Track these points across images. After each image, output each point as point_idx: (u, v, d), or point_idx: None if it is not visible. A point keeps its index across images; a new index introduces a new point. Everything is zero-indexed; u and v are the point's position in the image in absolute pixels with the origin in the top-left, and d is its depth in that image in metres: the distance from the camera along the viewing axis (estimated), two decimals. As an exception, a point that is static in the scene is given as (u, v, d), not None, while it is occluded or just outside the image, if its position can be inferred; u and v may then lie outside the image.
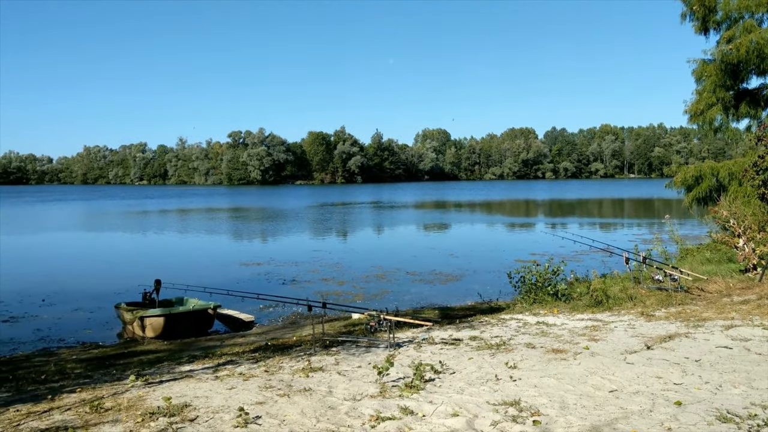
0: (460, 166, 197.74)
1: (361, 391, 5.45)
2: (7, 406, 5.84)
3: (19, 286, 16.81)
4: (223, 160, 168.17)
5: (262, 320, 13.05)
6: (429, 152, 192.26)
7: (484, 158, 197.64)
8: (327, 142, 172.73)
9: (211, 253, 25.15)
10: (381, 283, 17.07)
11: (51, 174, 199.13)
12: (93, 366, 8.75)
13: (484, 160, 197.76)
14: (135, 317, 11.86)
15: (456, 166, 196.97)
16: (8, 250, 26.80)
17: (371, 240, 30.26)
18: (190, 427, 4.63)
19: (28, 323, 12.82)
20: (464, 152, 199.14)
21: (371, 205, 61.58)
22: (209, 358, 8.19)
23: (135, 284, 14.96)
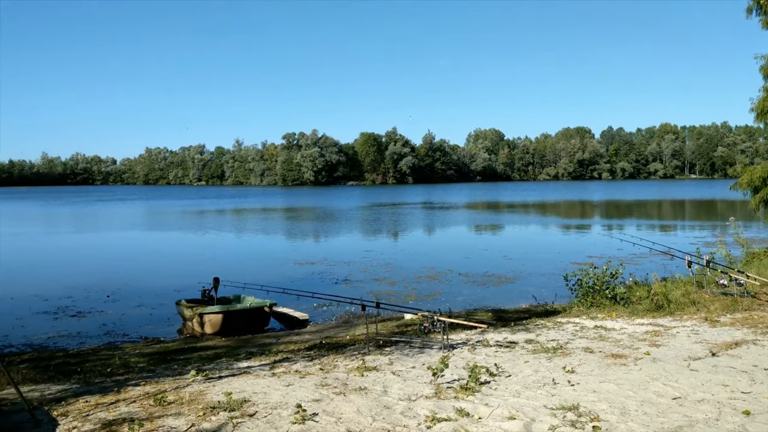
0: (513, 166, 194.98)
1: (416, 392, 5.46)
2: (77, 396, 6.12)
3: (85, 282, 17.58)
4: (277, 161, 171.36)
5: (316, 318, 13.22)
6: (481, 152, 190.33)
7: (538, 158, 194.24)
8: (378, 143, 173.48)
9: (267, 252, 25.67)
10: (433, 284, 17.02)
11: (115, 175, 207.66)
12: (155, 360, 9.08)
13: (538, 160, 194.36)
14: (194, 314, 12.23)
15: (509, 167, 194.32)
16: (76, 248, 28.15)
17: (423, 241, 30.21)
18: (250, 422, 4.74)
19: (95, 318, 13.39)
20: (517, 152, 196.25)
21: (422, 206, 61.48)
22: (266, 355, 8.36)
23: (194, 282, 15.43)
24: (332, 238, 31.55)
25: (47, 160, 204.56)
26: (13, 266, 21.66)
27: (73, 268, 21.15)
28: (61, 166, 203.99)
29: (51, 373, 8.08)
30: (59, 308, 14.24)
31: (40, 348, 10.91)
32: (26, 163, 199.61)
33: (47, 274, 19.74)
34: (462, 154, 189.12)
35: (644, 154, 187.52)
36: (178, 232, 35.74)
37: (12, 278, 18.52)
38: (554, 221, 42.04)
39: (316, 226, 39.55)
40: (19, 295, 15.60)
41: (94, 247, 28.84)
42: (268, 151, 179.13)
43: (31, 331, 12.16)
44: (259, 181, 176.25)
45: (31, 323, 12.81)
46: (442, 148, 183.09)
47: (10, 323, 12.56)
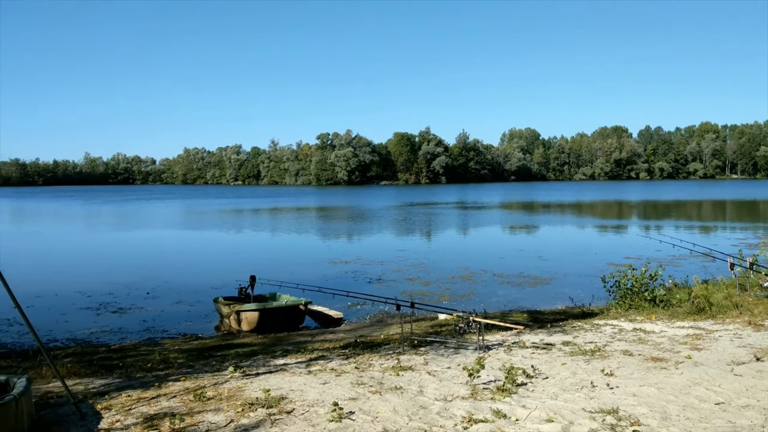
0: (548, 166, 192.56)
1: (452, 392, 5.44)
2: (120, 391, 6.29)
3: (126, 279, 18.03)
4: (311, 161, 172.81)
5: (350, 317, 13.28)
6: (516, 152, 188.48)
7: (574, 158, 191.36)
8: (412, 143, 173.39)
9: (301, 250, 25.89)
10: (467, 285, 16.92)
11: (154, 174, 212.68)
12: (194, 356, 9.25)
13: (574, 159, 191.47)
14: (232, 311, 12.42)
15: (544, 166, 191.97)
16: (117, 246, 28.87)
17: (456, 240, 30.06)
18: (287, 419, 4.80)
19: (135, 314, 13.72)
20: (553, 152, 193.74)
21: (456, 206, 61.18)
22: (301, 352, 8.44)
23: (231, 279, 15.68)
24: (365, 237, 31.64)
25: (90, 160, 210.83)
26: (57, 263, 22.35)
27: (115, 265, 21.70)
28: (103, 166, 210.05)
29: (94, 367, 8.31)
30: (101, 304, 14.64)
31: (83, 343, 11.23)
32: (70, 163, 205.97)
33: (90, 271, 20.29)
34: (496, 154, 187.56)
35: (683, 154, 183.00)
36: (215, 231, 36.33)
37: (56, 275, 19.10)
38: (590, 222, 41.34)
39: (350, 225, 39.73)
40: (63, 291, 16.08)
41: (134, 244, 29.53)
42: (302, 152, 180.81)
43: (75, 326, 12.53)
44: (293, 180, 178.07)
45: (74, 319, 13.20)
46: (476, 148, 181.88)
47: (55, 318, 12.97)
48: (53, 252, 26.24)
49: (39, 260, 22.73)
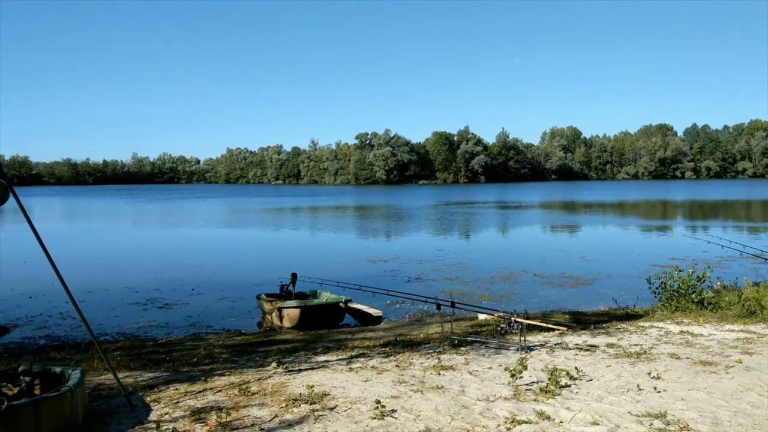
0: (590, 165, 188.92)
1: (494, 393, 5.41)
2: (167, 384, 6.46)
3: (172, 276, 18.51)
4: (350, 161, 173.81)
5: (389, 316, 13.33)
6: (557, 151, 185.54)
7: (617, 157, 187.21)
8: (450, 142, 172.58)
9: (340, 249, 26.08)
10: (507, 285, 16.77)
11: (198, 174, 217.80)
12: (237, 352, 9.44)
13: (617, 158, 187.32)
14: (274, 308, 12.62)
15: (586, 165, 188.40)
16: (162, 243, 29.63)
17: (496, 240, 29.80)
18: (330, 416, 4.85)
19: (181, 310, 14.08)
20: (595, 150, 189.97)
21: (495, 205, 60.63)
22: (342, 350, 8.51)
23: (273, 276, 15.94)
24: (404, 236, 31.66)
25: (137, 160, 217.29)
26: (107, 259, 23.09)
27: (161, 262, 22.29)
28: (150, 166, 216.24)
29: (143, 360, 8.57)
30: (148, 300, 15.06)
31: (131, 337, 11.59)
32: (118, 163, 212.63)
33: (137, 267, 20.89)
34: (536, 153, 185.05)
35: (731, 153, 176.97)
36: (256, 229, 36.92)
37: (106, 271, 19.74)
38: (634, 222, 40.39)
39: (388, 224, 39.81)
40: (113, 286, 16.61)
41: (179, 242, 30.27)
42: (341, 151, 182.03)
43: (124, 320, 12.94)
44: (332, 180, 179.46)
45: (123, 313, 13.63)
46: (516, 147, 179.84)
47: (105, 313, 13.41)
48: (103, 249, 27.11)
49: (90, 257, 23.52)
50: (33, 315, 13.37)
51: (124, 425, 4.90)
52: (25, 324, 12.63)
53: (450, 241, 28.46)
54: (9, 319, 13.04)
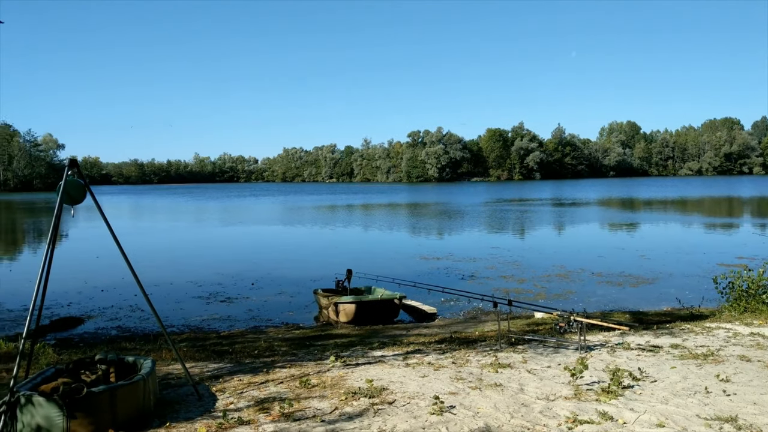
0: (650, 161, 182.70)
1: (554, 392, 5.36)
2: (231, 375, 6.69)
3: (233, 270, 19.05)
4: (402, 159, 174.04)
5: (443, 313, 13.32)
6: (615, 146, 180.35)
7: (679, 152, 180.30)
8: (504, 139, 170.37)
9: (393, 245, 26.19)
10: (564, 283, 16.46)
11: (256, 173, 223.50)
12: (296, 345, 9.65)
13: (679, 154, 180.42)
14: (330, 303, 12.84)
15: (646, 161, 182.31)
16: (223, 239, 30.51)
17: (551, 238, 29.24)
18: (389, 410, 4.92)
19: (241, 304, 14.49)
20: (655, 146, 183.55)
21: (551, 202, 59.45)
22: (398, 345, 8.58)
23: (329, 272, 16.18)
24: (457, 234, 31.48)
25: (198, 160, 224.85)
26: (172, 255, 23.95)
27: (222, 257, 22.96)
28: (211, 166, 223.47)
29: (207, 352, 8.89)
30: (211, 294, 15.57)
31: (196, 329, 12.02)
32: (181, 163, 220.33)
33: (200, 262, 21.59)
34: (594, 149, 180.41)
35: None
36: (312, 226, 37.49)
37: (171, 265, 20.48)
38: (697, 219, 38.80)
39: (441, 222, 39.66)
40: (177, 281, 17.25)
41: (238, 238, 31.09)
42: (394, 149, 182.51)
43: (188, 313, 13.43)
44: (385, 178, 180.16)
45: (187, 306, 14.14)
46: (573, 143, 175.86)
47: (171, 306, 13.94)
48: (167, 244, 28.14)
49: (155, 252, 24.45)
50: (105, 307, 14.05)
51: (193, 413, 5.11)
52: (97, 315, 13.28)
53: (504, 239, 28.12)
54: (83, 310, 13.74)
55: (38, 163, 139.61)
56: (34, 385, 4.91)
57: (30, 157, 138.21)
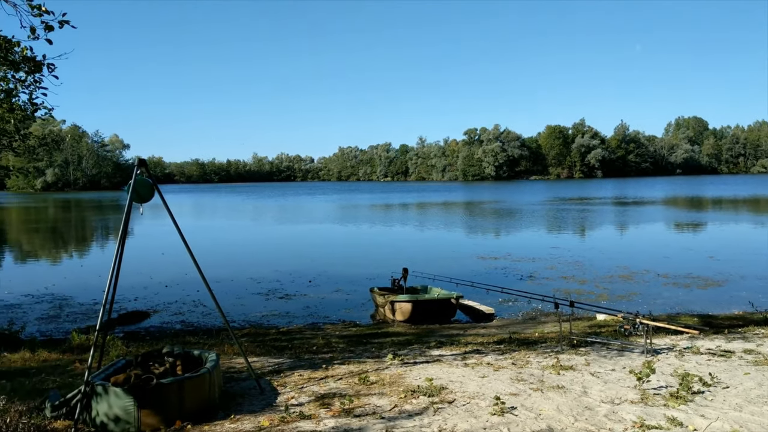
0: (719, 158, 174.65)
1: (620, 396, 5.19)
2: (292, 370, 6.81)
3: (290, 268, 19.40)
4: (458, 157, 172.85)
5: (501, 313, 13.15)
6: (682, 143, 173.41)
7: (751, 149, 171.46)
8: (564, 136, 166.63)
9: (449, 244, 26.03)
10: (627, 285, 15.94)
11: (312, 172, 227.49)
12: (353, 342, 9.74)
13: (751, 150, 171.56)
14: (386, 301, 12.88)
15: (715, 158, 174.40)
16: (281, 237, 31.12)
17: (614, 238, 28.36)
18: (449, 409, 4.89)
19: (299, 300, 14.74)
20: (726, 142, 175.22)
21: (613, 201, 57.68)
22: (455, 345, 8.53)
23: (384, 271, 16.25)
24: (515, 233, 30.99)
25: (257, 160, 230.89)
26: (232, 252, 24.62)
27: (280, 254, 23.43)
28: (268, 165, 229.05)
29: (267, 347, 9.08)
30: (270, 290, 15.91)
31: (256, 324, 12.31)
32: (240, 163, 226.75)
33: (259, 260, 22.10)
34: (659, 146, 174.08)
35: None
36: (368, 225, 37.73)
37: (231, 262, 21.04)
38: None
39: (498, 221, 39.14)
40: (238, 277, 17.71)
41: (295, 236, 31.63)
42: (449, 147, 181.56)
43: (248, 309, 13.76)
44: (440, 176, 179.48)
45: (248, 302, 14.50)
46: (637, 139, 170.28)
47: (232, 302, 14.32)
48: (227, 242, 28.93)
49: (216, 249, 25.17)
50: (169, 302, 14.58)
51: (255, 406, 5.23)
52: (162, 310, 13.80)
53: (565, 239, 27.48)
54: (149, 305, 14.30)
55: (105, 162, 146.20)
56: (107, 375, 5.14)
57: (97, 157, 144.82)
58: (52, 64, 6.35)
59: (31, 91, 7.08)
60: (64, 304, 14.46)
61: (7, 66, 6.32)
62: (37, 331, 11.67)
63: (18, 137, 11.42)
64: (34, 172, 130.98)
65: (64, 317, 13.16)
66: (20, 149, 12.78)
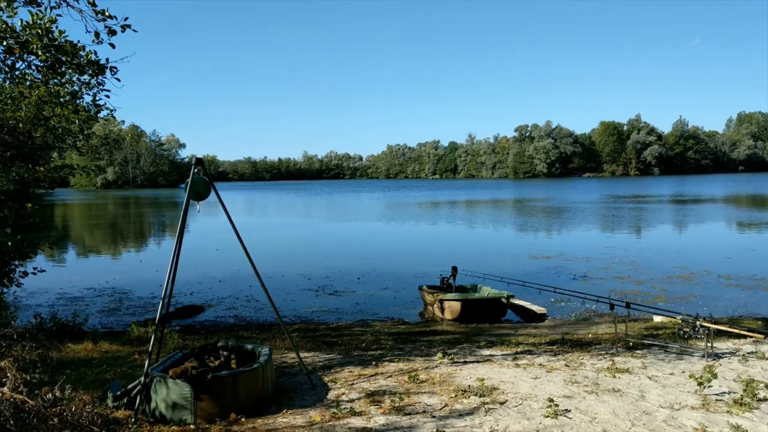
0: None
1: (679, 401, 5.01)
2: (342, 366, 6.86)
3: (339, 265, 19.56)
4: (509, 154, 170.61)
5: (553, 314, 12.90)
6: (745, 139, 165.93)
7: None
8: (619, 132, 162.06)
9: (500, 243, 25.71)
10: (686, 286, 15.37)
11: (361, 170, 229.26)
12: (402, 340, 9.74)
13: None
14: (435, 299, 12.82)
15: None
16: (330, 234, 31.42)
17: (672, 237, 27.37)
18: (501, 410, 4.83)
19: (348, 297, 14.84)
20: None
21: (671, 199, 55.72)
22: (506, 345, 8.41)
23: (433, 269, 16.19)
24: (568, 231, 30.32)
25: (307, 158, 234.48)
26: (281, 248, 25.02)
27: (328, 251, 23.66)
28: (318, 163, 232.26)
29: (317, 342, 9.19)
30: (319, 287, 16.09)
31: (306, 320, 12.48)
32: (291, 161, 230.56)
33: (309, 256, 22.37)
34: (720, 142, 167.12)
35: None
36: (415, 222, 37.67)
37: (281, 259, 21.37)
38: None
39: (550, 219, 38.39)
40: (288, 273, 17.97)
41: (344, 233, 31.88)
42: (499, 144, 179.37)
43: (299, 305, 13.95)
44: (490, 173, 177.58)
45: (298, 298, 14.71)
46: (696, 135, 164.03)
47: (282, 297, 14.55)
48: (278, 238, 29.42)
49: (267, 245, 25.63)
50: (223, 297, 14.94)
51: (307, 401, 5.30)
52: (216, 304, 14.15)
53: (620, 238, 26.71)
54: (203, 299, 14.69)
55: (162, 161, 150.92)
56: (165, 368, 5.31)
57: (155, 156, 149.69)
58: (115, 67, 6.58)
59: (94, 94, 7.36)
60: (124, 298, 15.01)
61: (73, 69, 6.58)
62: (98, 323, 12.15)
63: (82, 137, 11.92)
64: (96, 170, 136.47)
65: (123, 310, 13.66)
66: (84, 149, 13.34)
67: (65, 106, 8.75)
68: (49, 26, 6.03)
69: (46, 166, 11.23)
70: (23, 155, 11.47)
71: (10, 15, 6.14)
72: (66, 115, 9.37)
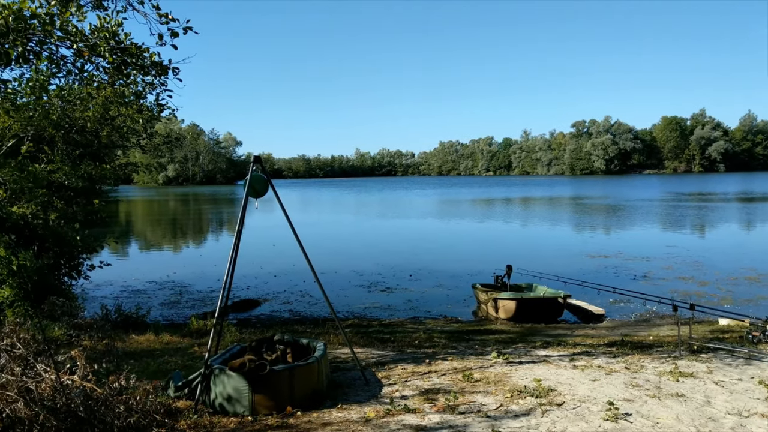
0: None
1: (748, 407, 4.78)
2: (395, 363, 6.87)
3: (392, 261, 19.61)
4: (565, 150, 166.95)
5: (612, 314, 12.55)
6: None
7: None
8: (682, 127, 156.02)
9: (556, 242, 25.18)
10: (754, 287, 14.67)
11: (413, 167, 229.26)
12: (455, 338, 9.68)
13: None
14: (489, 298, 12.68)
15: None
16: (382, 231, 31.53)
17: (739, 237, 26.14)
18: (558, 412, 4.72)
19: (400, 294, 14.86)
20: None
21: (738, 197, 53.23)
22: (562, 346, 8.23)
23: (486, 267, 16.03)
24: (627, 230, 29.39)
25: (359, 155, 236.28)
26: (334, 244, 25.27)
27: (381, 248, 23.76)
28: (370, 160, 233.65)
29: (370, 338, 9.24)
30: (372, 283, 16.18)
31: (359, 316, 12.57)
32: (343, 158, 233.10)
33: (361, 253, 22.53)
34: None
35: None
36: (468, 220, 37.35)
37: (335, 255, 21.59)
38: None
39: (608, 217, 37.33)
40: (341, 270, 18.15)
41: (396, 230, 31.91)
42: (555, 140, 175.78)
43: (352, 301, 14.08)
44: (545, 170, 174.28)
45: (351, 294, 14.84)
46: (765, 131, 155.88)
47: (335, 293, 14.70)
48: (331, 235, 29.74)
49: (321, 241, 25.96)
50: (278, 291, 15.22)
51: (361, 397, 5.33)
52: (272, 299, 14.43)
53: (683, 237, 25.72)
54: (259, 294, 15.01)
55: (220, 158, 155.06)
56: (224, 360, 5.45)
57: (213, 154, 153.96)
58: (177, 68, 6.79)
59: (157, 94, 7.62)
60: (184, 291, 15.51)
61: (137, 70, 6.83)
62: (160, 316, 12.60)
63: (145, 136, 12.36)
64: (158, 168, 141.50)
65: (183, 303, 14.12)
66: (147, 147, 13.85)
67: (130, 105, 9.10)
68: (115, 29, 6.28)
69: (111, 164, 11.67)
70: (91, 153, 12.02)
71: (80, 19, 6.44)
72: (131, 115, 9.73)
